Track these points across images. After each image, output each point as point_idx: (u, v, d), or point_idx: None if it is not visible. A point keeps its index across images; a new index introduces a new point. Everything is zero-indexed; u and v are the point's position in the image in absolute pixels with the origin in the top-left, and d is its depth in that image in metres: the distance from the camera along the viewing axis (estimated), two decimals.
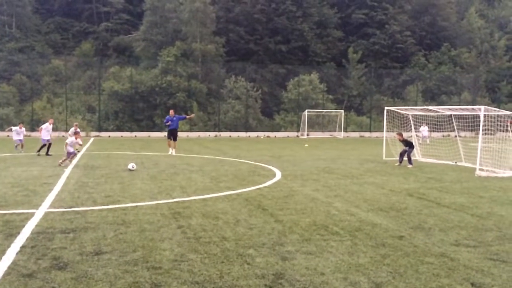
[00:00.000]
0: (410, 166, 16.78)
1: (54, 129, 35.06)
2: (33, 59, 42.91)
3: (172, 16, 46.25)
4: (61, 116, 36.98)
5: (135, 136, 21.66)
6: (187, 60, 42.86)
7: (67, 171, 14.25)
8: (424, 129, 27.93)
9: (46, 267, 5.52)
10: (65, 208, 8.80)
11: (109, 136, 34.39)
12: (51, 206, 9.00)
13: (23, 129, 21.49)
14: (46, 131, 19.76)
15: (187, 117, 24.05)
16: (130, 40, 51.60)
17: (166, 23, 46.59)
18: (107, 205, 9.17)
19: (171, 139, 21.28)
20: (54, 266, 5.54)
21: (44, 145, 19.69)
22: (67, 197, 9.87)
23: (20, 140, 20.80)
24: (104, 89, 39.69)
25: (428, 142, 26.62)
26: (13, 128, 21.25)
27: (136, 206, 9.12)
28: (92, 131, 36.33)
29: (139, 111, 40.00)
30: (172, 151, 21.03)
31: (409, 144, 17.45)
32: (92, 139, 31.56)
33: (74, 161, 17.16)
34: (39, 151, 19.79)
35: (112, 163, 16.76)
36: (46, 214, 8.30)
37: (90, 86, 43.36)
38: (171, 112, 22.28)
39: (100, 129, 37.08)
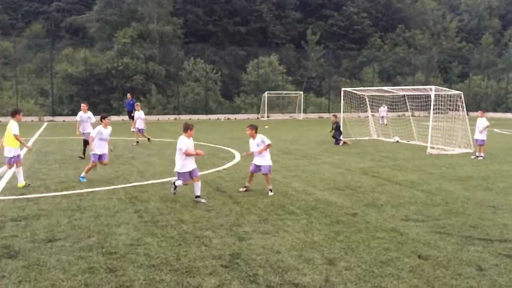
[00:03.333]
0: (339, 144, 17.59)
1: (3, 114, 33.80)
2: None
3: None
4: (12, 101, 35.35)
5: None
6: (144, 42, 41.74)
7: None
8: (383, 110, 28.39)
9: None
10: (17, 195, 8.54)
11: (64, 121, 33.31)
12: (1, 193, 8.70)
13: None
14: (139, 119, 17.77)
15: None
16: (83, 20, 49.54)
17: (121, 3, 44.98)
18: (61, 191, 8.96)
19: (132, 119, 22.57)
20: (4, 255, 5.40)
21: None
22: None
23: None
24: (57, 72, 38.12)
25: (385, 122, 26.85)
26: None
27: (92, 191, 8.96)
28: (45, 115, 35.02)
29: (95, 95, 38.73)
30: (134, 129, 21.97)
31: (337, 129, 18.22)
32: (45, 124, 30.50)
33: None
34: (148, 139, 17.86)
35: (67, 148, 16.29)
36: None
37: (42, 69, 41.50)
38: (129, 95, 25.18)
39: (54, 113, 35.73)
